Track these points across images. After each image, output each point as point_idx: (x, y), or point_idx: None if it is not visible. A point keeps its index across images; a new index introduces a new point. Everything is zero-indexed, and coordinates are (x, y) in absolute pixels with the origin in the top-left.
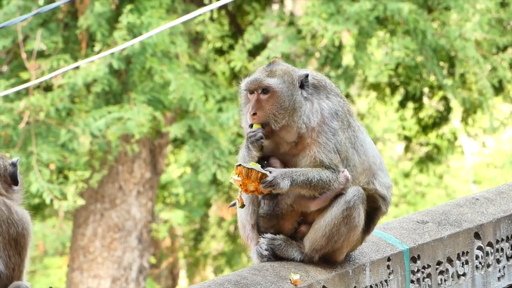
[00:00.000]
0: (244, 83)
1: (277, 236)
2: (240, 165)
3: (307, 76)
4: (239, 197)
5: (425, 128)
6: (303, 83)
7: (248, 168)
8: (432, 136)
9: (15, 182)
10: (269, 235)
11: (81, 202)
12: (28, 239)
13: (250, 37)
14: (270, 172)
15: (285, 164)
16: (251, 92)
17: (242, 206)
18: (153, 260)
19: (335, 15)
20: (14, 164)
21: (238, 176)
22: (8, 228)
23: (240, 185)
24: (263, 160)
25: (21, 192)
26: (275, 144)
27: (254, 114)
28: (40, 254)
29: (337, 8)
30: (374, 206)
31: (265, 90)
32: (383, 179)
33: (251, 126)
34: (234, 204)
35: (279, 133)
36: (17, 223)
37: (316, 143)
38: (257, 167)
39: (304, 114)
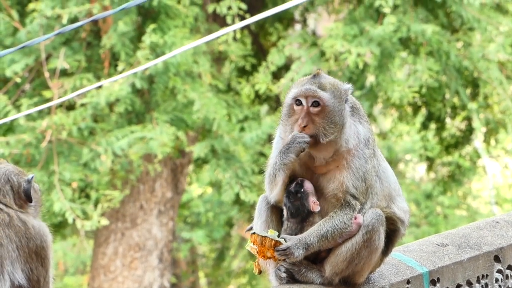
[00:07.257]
0: (293, 92)
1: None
2: (254, 233)
3: (351, 90)
4: (256, 263)
5: (448, 148)
6: (347, 98)
7: (262, 236)
8: (454, 157)
9: (29, 199)
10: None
11: (105, 222)
12: (48, 250)
13: (274, 59)
14: (285, 240)
15: (314, 186)
16: (299, 103)
17: (260, 272)
18: (173, 279)
19: (358, 36)
20: (28, 181)
21: (254, 244)
22: (28, 242)
23: (257, 252)
24: (295, 182)
25: (38, 208)
26: (307, 159)
27: (305, 126)
28: (61, 273)
29: (360, 30)
30: (392, 228)
31: (316, 102)
32: (400, 203)
33: None
34: (251, 229)
35: (320, 147)
36: (35, 237)
37: (349, 167)
38: (272, 235)
39: (347, 133)
